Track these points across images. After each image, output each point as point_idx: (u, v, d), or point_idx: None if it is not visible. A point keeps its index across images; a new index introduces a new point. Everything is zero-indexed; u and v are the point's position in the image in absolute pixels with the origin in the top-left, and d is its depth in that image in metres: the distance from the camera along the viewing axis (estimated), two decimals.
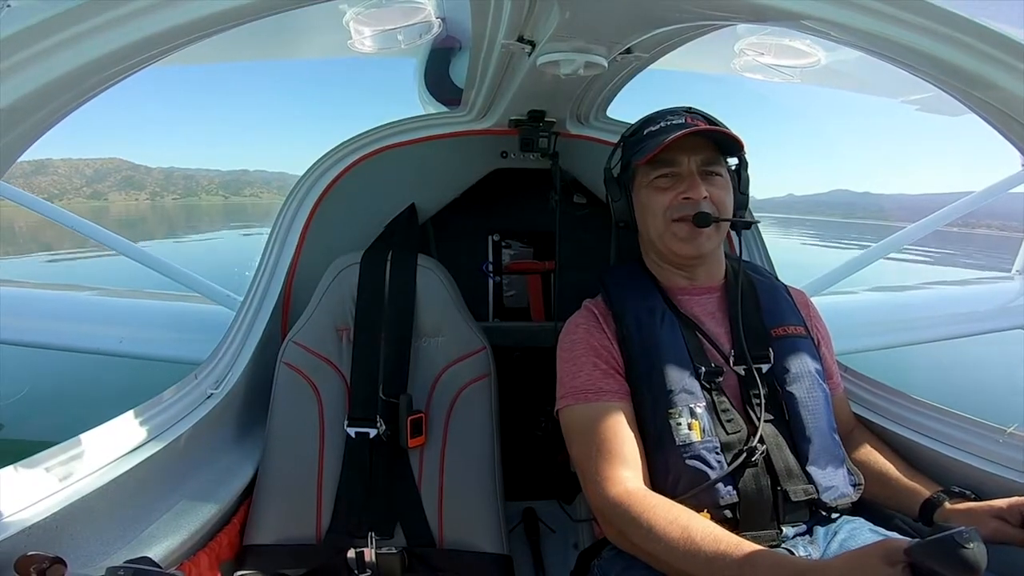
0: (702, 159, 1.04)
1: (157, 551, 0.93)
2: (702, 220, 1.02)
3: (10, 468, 0.82)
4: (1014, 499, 0.86)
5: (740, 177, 1.12)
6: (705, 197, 1.02)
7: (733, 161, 1.11)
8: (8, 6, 0.55)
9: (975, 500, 0.93)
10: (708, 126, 1.03)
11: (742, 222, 1.08)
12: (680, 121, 1.05)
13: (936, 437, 1.08)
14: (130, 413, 1.06)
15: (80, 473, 0.91)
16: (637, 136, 1.10)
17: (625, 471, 0.92)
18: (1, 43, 0.55)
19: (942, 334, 2.79)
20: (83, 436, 0.95)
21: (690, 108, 1.09)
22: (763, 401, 0.99)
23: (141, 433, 1.05)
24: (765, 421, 0.98)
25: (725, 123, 1.07)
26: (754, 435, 0.95)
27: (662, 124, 1.06)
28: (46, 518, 0.80)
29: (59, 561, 0.71)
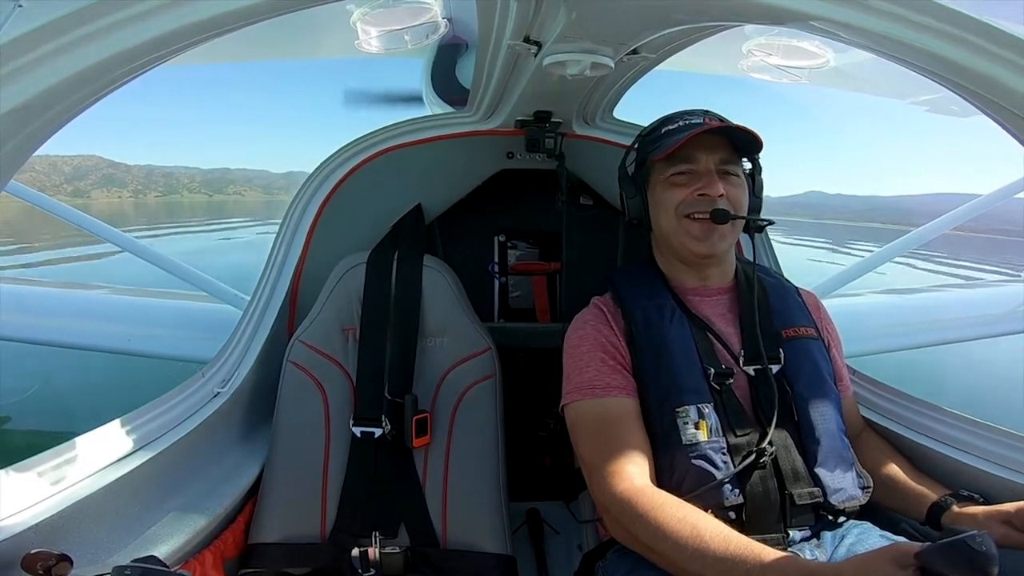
0: (719, 158, 1.04)
1: (162, 549, 0.93)
2: (720, 216, 1.01)
3: (17, 465, 0.83)
4: (1022, 503, 0.85)
5: (754, 181, 1.11)
6: (722, 195, 1.02)
7: (747, 165, 1.11)
8: (19, 6, 0.55)
9: (983, 504, 0.92)
10: (728, 124, 1.03)
11: (758, 220, 1.08)
12: (699, 121, 1.04)
13: (944, 440, 1.07)
14: (137, 411, 1.06)
15: (86, 471, 0.91)
16: (655, 134, 1.10)
17: (632, 467, 0.91)
18: (12, 43, 0.56)
19: (952, 337, 2.78)
20: (89, 434, 0.95)
21: (707, 111, 1.08)
22: (776, 404, 0.98)
23: (148, 431, 1.05)
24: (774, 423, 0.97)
25: None
26: (764, 438, 0.95)
27: (680, 123, 1.06)
28: (52, 515, 0.81)
29: (65, 558, 0.72)
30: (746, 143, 1.05)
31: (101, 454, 0.95)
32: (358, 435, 1.24)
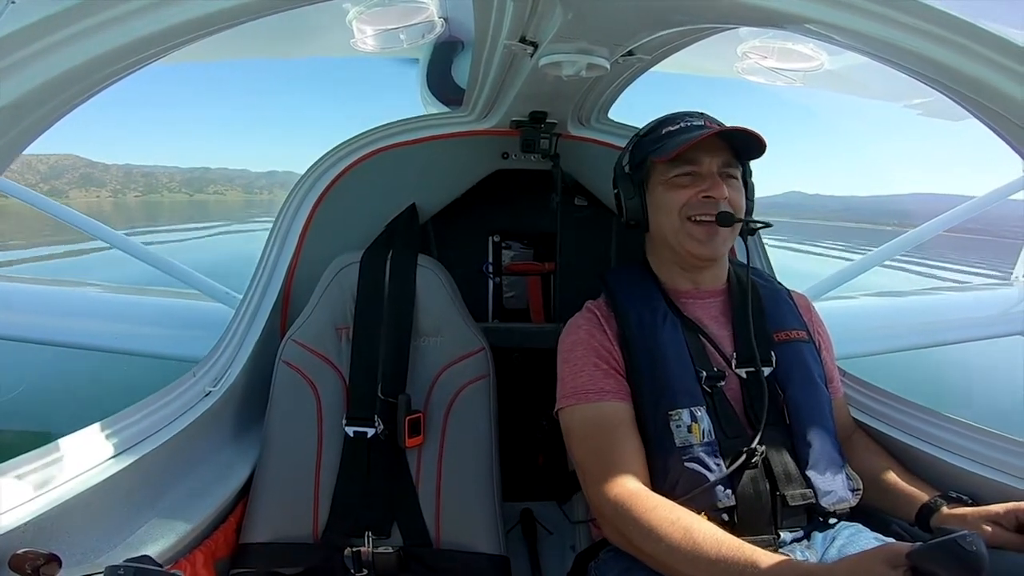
0: (722, 160, 1.04)
1: (153, 549, 0.92)
2: (725, 219, 1.01)
3: (5, 464, 0.82)
4: (1010, 504, 0.86)
5: (747, 184, 1.12)
6: (726, 198, 1.02)
7: None
8: (12, 3, 0.55)
9: (972, 505, 0.93)
10: (730, 127, 1.03)
11: (760, 223, 1.08)
12: (700, 123, 1.05)
13: (934, 442, 1.07)
14: (128, 410, 1.05)
15: (76, 470, 0.90)
16: (654, 135, 1.09)
17: (626, 471, 0.92)
18: (5, 40, 0.55)
19: (942, 339, 2.79)
20: (79, 433, 0.94)
21: (703, 113, 1.09)
22: (765, 405, 0.98)
23: (138, 430, 1.05)
24: (766, 425, 0.98)
25: None
26: (754, 439, 0.95)
27: (682, 124, 1.06)
28: (41, 515, 0.80)
29: (54, 558, 0.71)
30: (747, 147, 1.05)
31: (91, 453, 0.94)
32: (351, 435, 1.24)
